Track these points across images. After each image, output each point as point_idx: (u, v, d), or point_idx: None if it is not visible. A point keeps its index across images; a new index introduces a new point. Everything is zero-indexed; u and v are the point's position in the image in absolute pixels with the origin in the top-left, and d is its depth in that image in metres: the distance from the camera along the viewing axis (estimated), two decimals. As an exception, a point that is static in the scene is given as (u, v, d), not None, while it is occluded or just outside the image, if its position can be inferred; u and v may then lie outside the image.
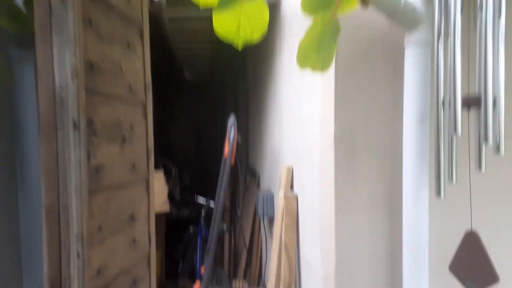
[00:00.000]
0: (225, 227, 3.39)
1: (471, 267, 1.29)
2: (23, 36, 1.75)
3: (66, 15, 0.69)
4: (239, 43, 1.22)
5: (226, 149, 2.86)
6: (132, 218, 1.04)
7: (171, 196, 3.60)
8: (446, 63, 1.51)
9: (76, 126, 0.78)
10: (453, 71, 1.45)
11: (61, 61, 0.72)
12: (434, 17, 1.54)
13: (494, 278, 1.17)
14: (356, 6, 1.13)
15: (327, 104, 1.84)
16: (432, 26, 1.55)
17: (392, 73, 1.83)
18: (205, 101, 8.13)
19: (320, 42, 1.09)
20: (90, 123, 0.82)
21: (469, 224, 1.32)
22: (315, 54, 1.12)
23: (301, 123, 2.32)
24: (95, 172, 0.85)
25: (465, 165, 1.32)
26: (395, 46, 1.81)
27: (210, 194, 3.42)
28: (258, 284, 3.26)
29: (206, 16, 2.92)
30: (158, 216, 1.38)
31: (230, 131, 2.89)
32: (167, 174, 4.45)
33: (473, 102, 1.35)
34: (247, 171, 4.27)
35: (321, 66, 1.14)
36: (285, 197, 2.31)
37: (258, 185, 3.63)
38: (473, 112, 1.40)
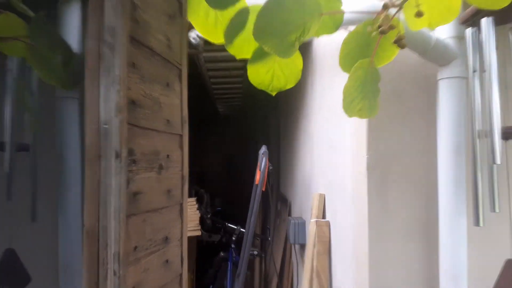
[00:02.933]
0: (256, 252, 3.41)
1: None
2: (72, 76, 1.93)
3: (113, 60, 0.80)
4: (273, 91, 1.25)
5: (257, 176, 2.93)
6: (166, 240, 1.12)
7: (202, 222, 3.68)
8: (483, 96, 1.53)
9: (117, 155, 0.87)
10: (490, 104, 1.47)
11: (106, 99, 0.83)
12: (467, 54, 1.57)
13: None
14: (394, 56, 1.11)
15: (359, 133, 1.88)
16: (466, 62, 1.59)
17: (426, 105, 1.86)
18: (237, 132, 8.31)
19: (363, 88, 1.07)
20: (130, 152, 0.91)
21: (510, 252, 1.30)
22: (360, 101, 1.10)
23: (333, 152, 2.36)
24: (133, 197, 0.93)
25: (503, 193, 1.31)
26: (428, 80, 1.85)
27: (241, 219, 3.48)
28: (288, 312, 3.24)
29: (240, 55, 3.09)
30: (189, 240, 1.46)
31: (262, 159, 2.97)
32: (199, 201, 4.55)
33: (511, 134, 1.36)
34: (278, 198, 4.30)
35: (368, 112, 1.12)
36: (317, 223, 2.33)
37: (289, 212, 3.65)
38: (510, 143, 1.40)
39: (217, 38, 1.21)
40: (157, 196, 1.07)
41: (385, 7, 0.89)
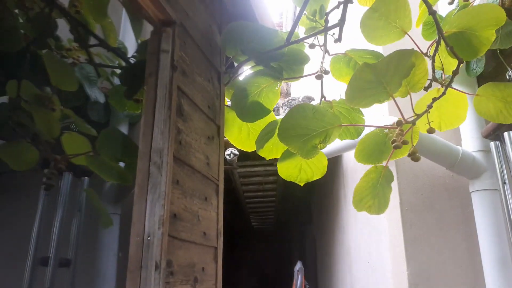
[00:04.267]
0: None
1: None
2: (116, 193, 2.09)
3: (160, 178, 0.90)
4: (301, 182, 1.37)
5: (294, 296, 2.81)
6: None
7: None
8: (517, 208, 1.51)
9: (157, 266, 0.92)
10: (525, 216, 1.45)
11: (151, 213, 0.91)
12: (495, 167, 1.61)
13: None
14: (406, 153, 1.18)
15: (397, 248, 1.84)
16: (496, 175, 1.61)
17: (460, 217, 1.83)
18: (271, 247, 8.14)
19: (374, 188, 1.14)
20: (169, 264, 0.96)
21: None
22: (370, 199, 1.16)
23: (371, 268, 2.28)
24: (169, 310, 0.95)
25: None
26: (460, 192, 1.86)
27: None
28: None
29: (272, 170, 3.24)
30: None
31: (297, 277, 2.88)
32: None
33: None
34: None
35: (377, 209, 1.18)
36: None
37: (329, 338, 3.38)
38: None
39: (250, 147, 1.42)
40: (192, 312, 1.08)
41: (399, 123, 0.99)
